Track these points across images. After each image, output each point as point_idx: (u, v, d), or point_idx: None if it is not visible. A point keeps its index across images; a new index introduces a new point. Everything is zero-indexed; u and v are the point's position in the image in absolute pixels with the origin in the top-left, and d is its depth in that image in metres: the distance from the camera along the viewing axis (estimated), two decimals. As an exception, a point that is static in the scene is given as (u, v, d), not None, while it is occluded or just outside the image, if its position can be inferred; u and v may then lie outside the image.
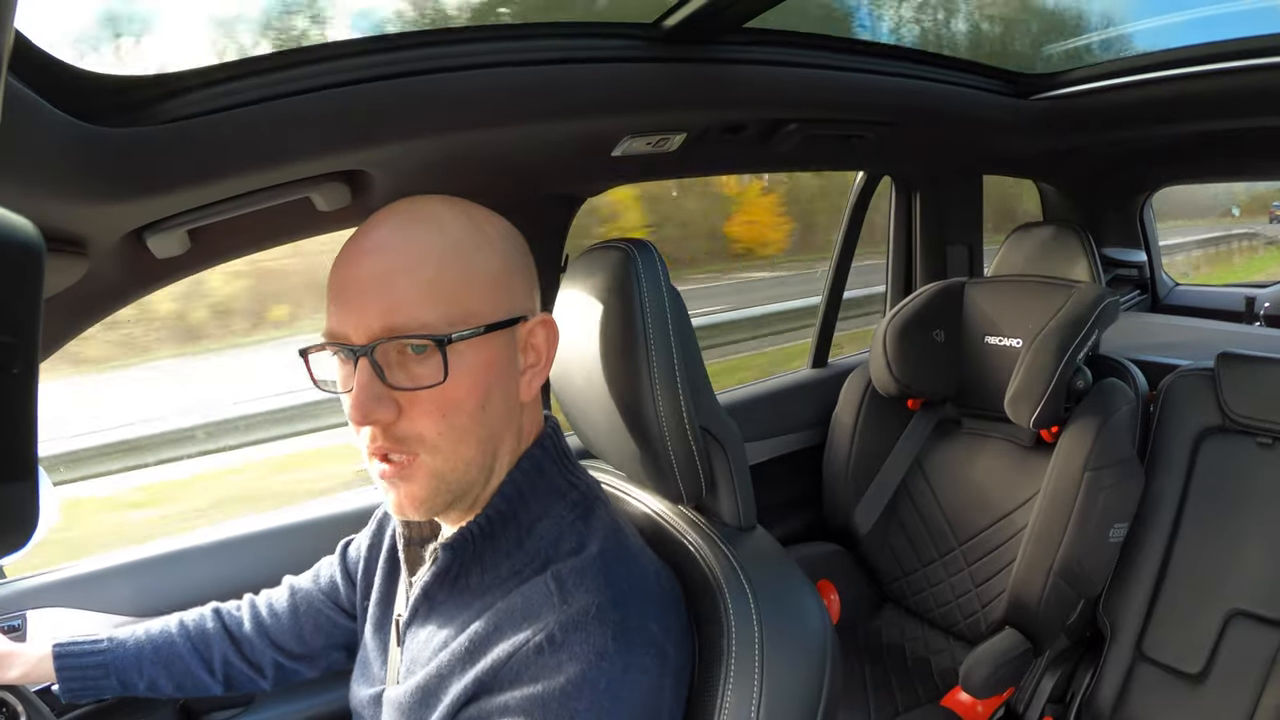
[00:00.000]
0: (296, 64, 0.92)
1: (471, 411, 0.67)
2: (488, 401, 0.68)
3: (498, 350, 0.69)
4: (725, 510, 0.88)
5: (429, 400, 0.65)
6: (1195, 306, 2.83)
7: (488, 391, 0.68)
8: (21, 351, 0.34)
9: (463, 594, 0.73)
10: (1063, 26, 1.96)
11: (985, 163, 2.32)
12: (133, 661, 0.96)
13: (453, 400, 0.66)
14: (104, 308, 1.05)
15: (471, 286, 0.67)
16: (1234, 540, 1.62)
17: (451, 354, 0.64)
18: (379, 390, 0.65)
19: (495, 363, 0.68)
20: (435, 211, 0.69)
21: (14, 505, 0.35)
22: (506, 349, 0.70)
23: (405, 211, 0.69)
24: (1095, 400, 1.66)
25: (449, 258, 0.66)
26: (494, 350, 0.68)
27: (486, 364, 0.67)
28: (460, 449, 0.68)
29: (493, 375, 0.68)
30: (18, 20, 0.39)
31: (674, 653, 0.70)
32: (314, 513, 1.39)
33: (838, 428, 1.99)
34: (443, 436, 0.67)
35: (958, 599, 1.82)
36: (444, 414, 0.66)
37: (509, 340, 0.70)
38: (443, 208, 0.70)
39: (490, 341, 0.67)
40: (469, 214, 0.70)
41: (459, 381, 0.65)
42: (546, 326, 0.73)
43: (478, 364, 0.67)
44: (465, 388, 0.66)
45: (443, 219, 0.68)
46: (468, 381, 0.66)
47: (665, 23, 1.14)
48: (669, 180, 4.04)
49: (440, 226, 0.68)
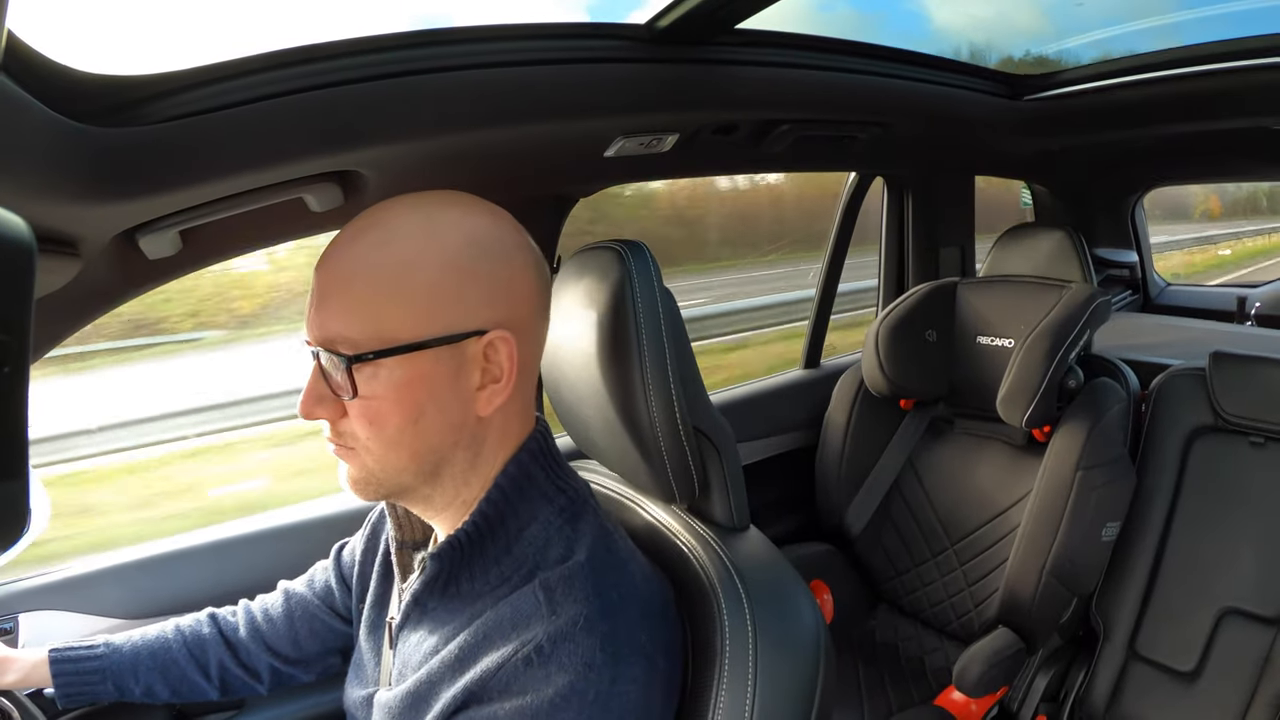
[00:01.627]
0: (289, 64, 0.91)
1: (400, 425, 0.67)
2: (420, 416, 0.67)
3: (432, 366, 0.67)
4: (718, 510, 0.88)
5: (357, 409, 0.67)
6: (1187, 306, 2.84)
7: (418, 407, 0.67)
8: (13, 351, 0.34)
9: (453, 600, 0.73)
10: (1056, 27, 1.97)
11: (977, 163, 2.33)
12: (129, 667, 0.96)
13: (378, 413, 0.67)
14: (96, 308, 1.04)
15: (396, 304, 0.66)
16: (1226, 538, 1.63)
17: (369, 370, 0.66)
18: (321, 391, 0.68)
19: (428, 379, 0.67)
20: (390, 220, 0.68)
21: (3, 505, 0.35)
22: (445, 365, 0.67)
23: (366, 220, 0.69)
24: (1087, 400, 1.66)
25: (381, 273, 0.66)
26: (424, 367, 0.66)
27: (414, 380, 0.66)
28: (390, 455, 0.69)
29: (423, 392, 0.67)
30: (9, 20, 0.39)
31: (664, 662, 0.70)
32: (307, 514, 1.38)
33: (830, 428, 1.99)
34: (373, 440, 0.68)
35: (951, 598, 1.82)
36: (370, 422, 0.67)
37: (449, 356, 0.67)
38: (402, 214, 0.68)
39: (418, 359, 0.66)
40: (428, 219, 0.68)
41: (382, 396, 0.66)
42: (507, 344, 0.69)
43: (402, 381, 0.66)
44: (390, 403, 0.66)
45: (392, 229, 0.67)
46: (392, 397, 0.66)
47: (658, 23, 1.14)
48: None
49: (384, 240, 0.67)
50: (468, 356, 0.68)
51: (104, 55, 0.80)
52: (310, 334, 0.68)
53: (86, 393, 3.66)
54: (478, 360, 0.68)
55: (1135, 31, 1.83)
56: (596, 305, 0.82)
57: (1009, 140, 2.04)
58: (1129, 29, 1.85)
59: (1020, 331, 1.75)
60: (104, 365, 3.80)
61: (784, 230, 7.24)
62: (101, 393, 3.76)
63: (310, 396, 0.68)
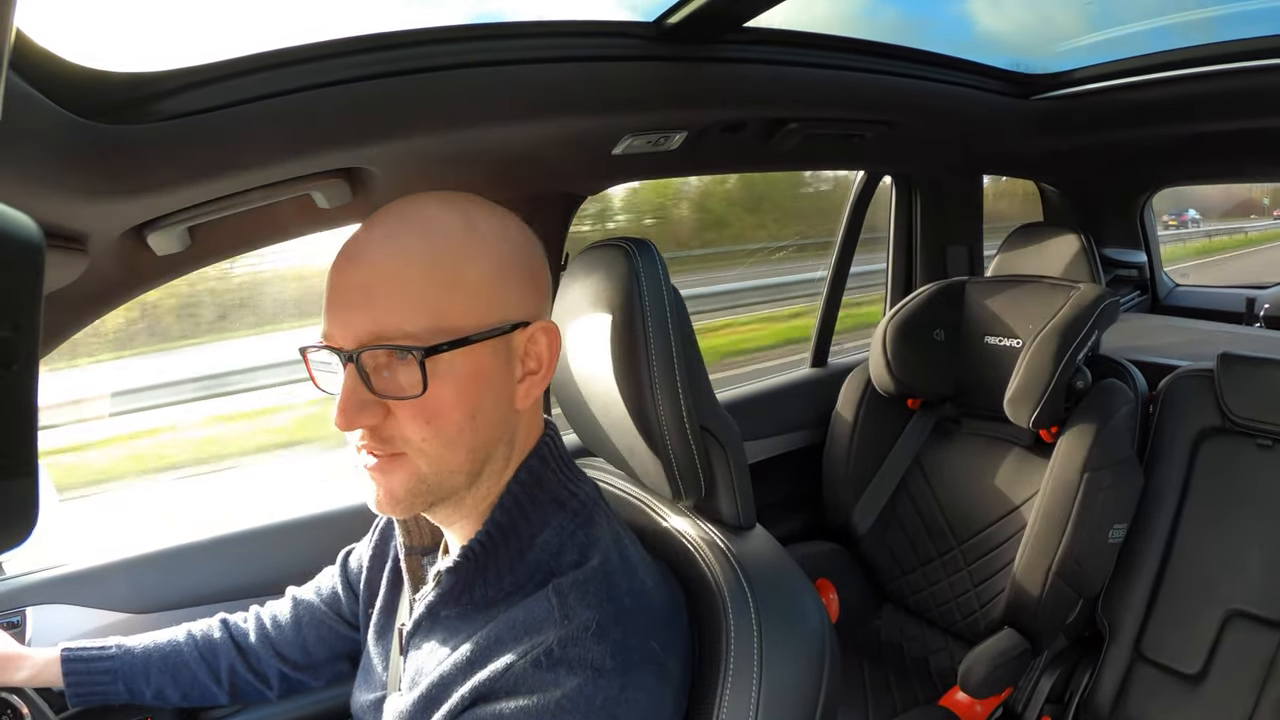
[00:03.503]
0: (297, 61, 0.92)
1: (459, 421, 0.66)
2: (478, 411, 0.67)
3: (488, 359, 0.67)
4: (724, 509, 0.88)
5: (414, 407, 0.64)
6: (1195, 307, 2.83)
7: (477, 401, 0.66)
8: (22, 348, 0.34)
9: (466, 608, 0.72)
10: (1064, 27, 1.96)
11: (985, 163, 2.32)
12: (140, 669, 0.97)
13: (438, 409, 0.65)
14: (104, 304, 1.05)
15: (457, 295, 0.65)
16: (1233, 541, 1.62)
17: (435, 364, 0.63)
18: (364, 396, 0.64)
19: (485, 372, 0.66)
20: (427, 214, 0.67)
21: (14, 502, 0.35)
22: (499, 357, 0.67)
23: (397, 214, 0.67)
24: (1095, 401, 1.66)
25: (435, 266, 0.65)
26: (484, 359, 0.66)
27: (474, 374, 0.66)
28: (447, 455, 0.67)
29: (482, 385, 0.66)
30: (19, 17, 0.39)
31: (675, 668, 0.70)
32: (314, 511, 1.39)
33: (837, 427, 1.99)
34: (428, 441, 0.66)
35: (956, 598, 1.82)
36: (428, 421, 0.65)
37: (502, 348, 0.68)
38: (436, 209, 0.68)
39: (479, 351, 0.66)
40: (465, 214, 0.68)
41: (444, 392, 0.64)
42: (549, 334, 0.70)
43: (465, 374, 0.65)
44: (451, 398, 0.65)
45: (433, 222, 0.67)
46: (453, 392, 0.65)
47: (666, 21, 1.14)
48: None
49: (428, 231, 0.66)
50: (513, 348, 0.69)
51: (113, 52, 0.80)
52: (345, 335, 0.65)
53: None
54: (519, 352, 0.69)
55: (1144, 31, 1.82)
56: (603, 303, 0.81)
57: (1017, 139, 2.03)
58: (1138, 29, 1.84)
59: (1028, 331, 1.74)
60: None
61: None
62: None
63: (351, 404, 0.64)
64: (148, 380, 3.55)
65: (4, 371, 0.33)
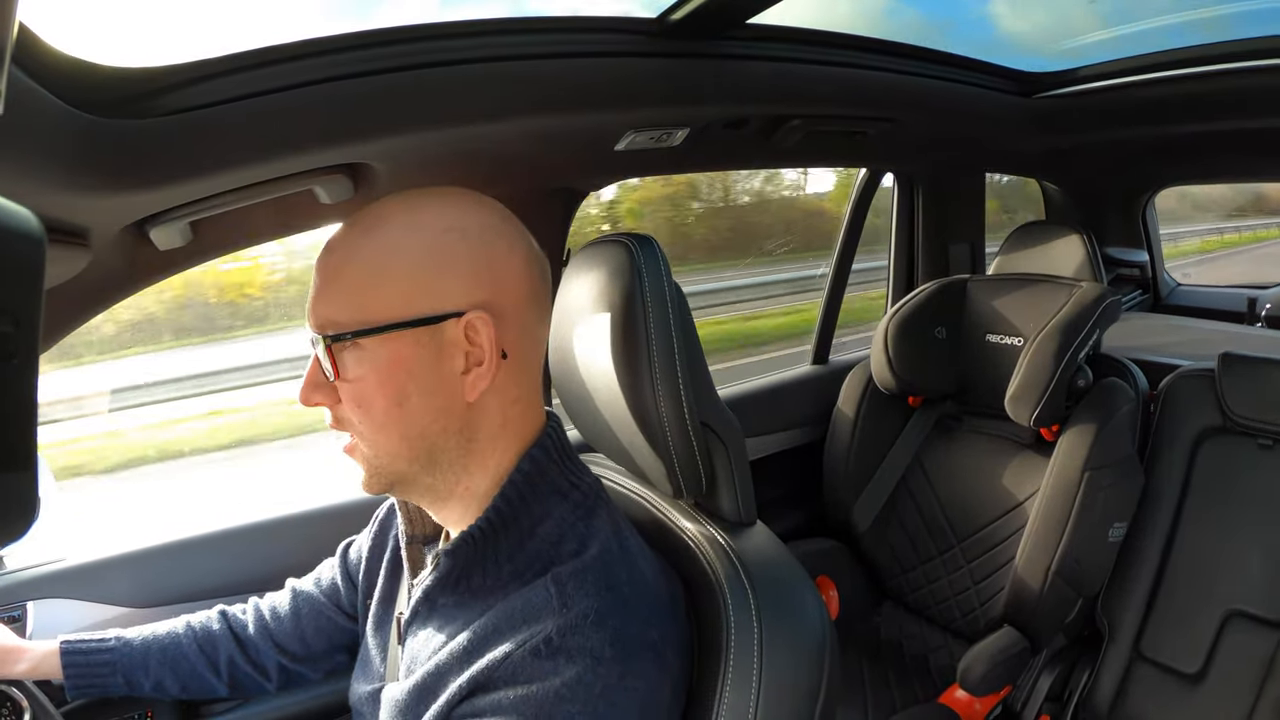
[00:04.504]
0: (299, 56, 0.91)
1: (385, 407, 0.69)
2: (403, 399, 0.69)
3: (409, 348, 0.68)
4: (725, 505, 0.88)
5: (347, 392, 0.69)
6: (1197, 307, 2.83)
7: (400, 389, 0.69)
8: (22, 342, 0.34)
9: (464, 595, 0.73)
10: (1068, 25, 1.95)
11: (988, 160, 2.32)
12: (139, 661, 0.97)
13: (364, 395, 0.69)
14: (105, 299, 1.05)
15: (382, 286, 0.68)
16: (1233, 540, 1.62)
17: (358, 352, 0.68)
18: (318, 377, 0.71)
19: (407, 361, 0.68)
20: (378, 210, 0.71)
21: (13, 495, 0.35)
22: (424, 347, 0.68)
23: (361, 213, 0.72)
24: (1096, 400, 1.66)
25: (367, 259, 0.69)
26: (404, 348, 0.68)
27: (395, 362, 0.68)
28: (380, 440, 0.71)
29: (404, 373, 0.68)
30: (21, 12, 0.39)
31: (674, 659, 0.70)
32: (315, 506, 1.39)
33: (838, 424, 1.99)
34: (363, 425, 0.70)
35: (956, 596, 1.82)
36: (358, 405, 0.70)
37: (427, 338, 0.68)
38: (393, 205, 0.71)
39: (398, 340, 0.68)
40: (412, 209, 0.71)
41: (367, 378, 0.68)
42: (487, 325, 0.69)
43: (386, 362, 0.68)
44: (374, 385, 0.68)
45: (381, 220, 0.70)
46: (375, 379, 0.68)
47: (669, 18, 1.14)
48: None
49: (370, 227, 0.70)
50: (448, 339, 0.69)
51: (116, 47, 0.80)
52: (311, 320, 0.71)
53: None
54: (459, 344, 0.69)
55: (1147, 30, 1.82)
56: (605, 299, 0.81)
57: (1020, 138, 2.03)
58: (1141, 28, 1.83)
59: (1030, 330, 1.74)
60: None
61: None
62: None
63: (309, 383, 0.71)
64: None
65: (4, 365, 0.33)
